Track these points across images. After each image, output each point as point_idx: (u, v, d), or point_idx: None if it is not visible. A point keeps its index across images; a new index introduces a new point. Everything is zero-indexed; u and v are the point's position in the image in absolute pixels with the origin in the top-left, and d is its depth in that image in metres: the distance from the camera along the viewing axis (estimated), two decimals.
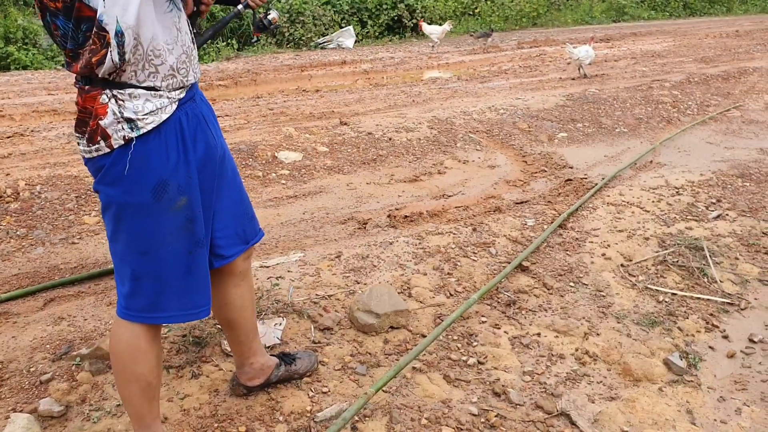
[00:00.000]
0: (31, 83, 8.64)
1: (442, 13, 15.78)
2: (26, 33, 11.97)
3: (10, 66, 11.38)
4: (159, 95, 1.71)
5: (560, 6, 17.48)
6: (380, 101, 7.24)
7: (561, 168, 5.06)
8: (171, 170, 1.74)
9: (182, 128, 1.76)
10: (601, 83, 7.68)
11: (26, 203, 4.03)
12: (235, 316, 2.15)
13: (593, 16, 17.20)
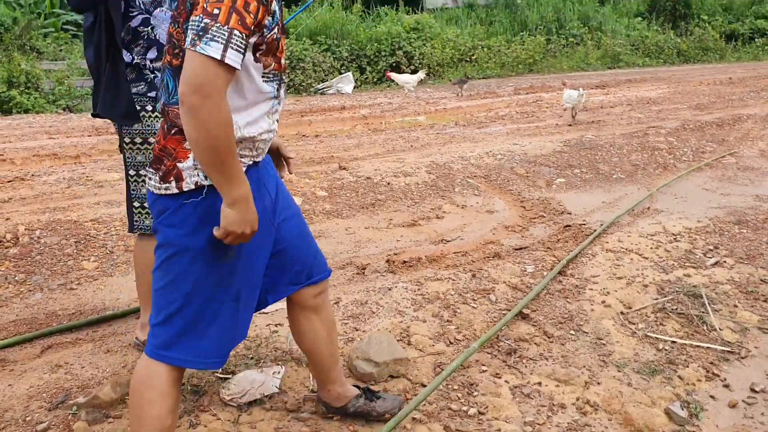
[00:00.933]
0: (33, 127, 8.72)
1: (439, 59, 16.00)
2: (29, 77, 12.12)
3: (12, 109, 11.48)
4: (239, 156, 1.80)
5: (556, 53, 17.75)
6: (379, 146, 7.30)
7: (559, 214, 5.08)
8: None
9: (254, 181, 1.83)
10: (597, 129, 7.76)
11: (25, 248, 4.03)
12: (308, 346, 2.29)
13: (589, 63, 17.46)
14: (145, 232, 2.78)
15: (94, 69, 2.72)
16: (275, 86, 1.86)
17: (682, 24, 21.16)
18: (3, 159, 6.25)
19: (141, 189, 2.76)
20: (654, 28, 20.60)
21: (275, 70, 1.83)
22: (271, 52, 1.78)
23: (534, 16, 19.23)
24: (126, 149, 2.75)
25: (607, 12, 20.62)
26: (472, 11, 21.06)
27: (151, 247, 2.83)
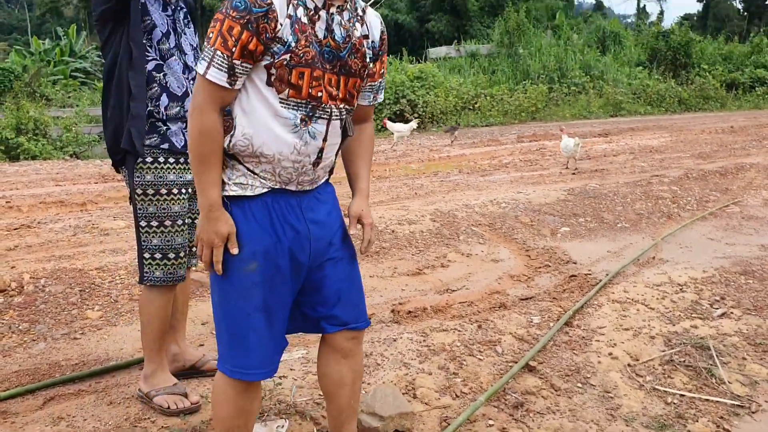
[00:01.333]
0: (40, 174, 8.80)
1: (443, 107, 16.22)
2: (37, 124, 12.29)
3: (20, 156, 11.62)
4: (254, 176, 1.95)
5: (558, 101, 17.97)
6: (383, 193, 7.34)
7: (565, 263, 5.07)
8: (249, 235, 1.95)
9: (270, 208, 1.97)
10: (601, 178, 7.80)
11: (30, 297, 4.02)
12: (331, 389, 2.27)
13: (591, 111, 17.65)
14: (155, 283, 2.78)
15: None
16: (297, 115, 1.91)
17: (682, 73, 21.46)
18: (10, 206, 6.30)
19: (152, 240, 2.76)
20: (655, 77, 20.90)
21: (294, 97, 1.89)
22: (285, 79, 1.87)
23: (536, 65, 19.53)
24: (138, 200, 2.75)
25: (608, 61, 20.95)
26: (474, 60, 21.42)
27: (158, 298, 2.83)
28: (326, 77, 1.92)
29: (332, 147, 2.04)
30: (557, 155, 10.12)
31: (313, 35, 1.88)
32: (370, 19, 2.06)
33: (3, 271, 4.40)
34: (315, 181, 2.05)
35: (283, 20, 1.84)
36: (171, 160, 2.75)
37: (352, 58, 1.96)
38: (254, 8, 1.81)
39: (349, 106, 2.04)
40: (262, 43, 1.82)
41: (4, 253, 4.96)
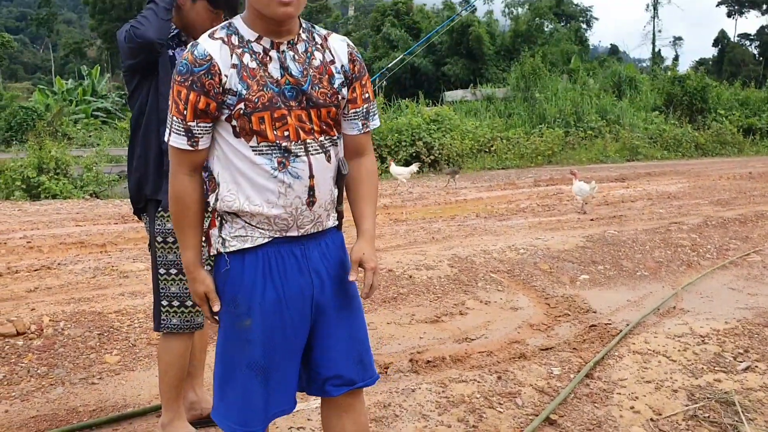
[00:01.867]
0: (60, 213, 8.89)
1: (459, 150, 16.30)
2: (58, 163, 12.45)
3: (41, 194, 11.76)
4: (252, 227, 1.93)
5: (575, 145, 18.01)
6: (400, 237, 7.34)
7: (584, 312, 5.02)
8: (244, 291, 1.93)
9: (269, 260, 1.94)
10: (619, 225, 7.77)
11: (49, 340, 4.03)
12: None
13: (607, 155, 17.67)
14: (172, 331, 2.78)
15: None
16: (273, 159, 1.87)
17: (699, 118, 21.48)
18: (31, 246, 6.36)
19: (170, 288, 2.77)
20: (671, 122, 20.93)
21: (263, 142, 1.86)
22: (247, 127, 1.85)
23: (552, 109, 19.65)
24: (158, 248, 2.77)
25: (624, 106, 21.05)
26: (490, 104, 21.60)
27: (175, 345, 2.83)
28: (293, 114, 1.88)
29: (324, 183, 1.95)
30: (575, 200, 10.11)
31: (267, 77, 1.86)
32: (334, 44, 2.01)
33: (23, 314, 4.42)
34: (318, 223, 1.98)
35: (228, 71, 1.83)
36: None
37: (316, 89, 1.91)
38: (195, 68, 1.82)
39: (330, 137, 1.97)
40: (212, 98, 1.84)
41: (24, 295, 4.99)
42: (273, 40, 1.90)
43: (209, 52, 1.84)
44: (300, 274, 1.95)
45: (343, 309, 2.06)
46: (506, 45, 29.63)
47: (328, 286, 2.02)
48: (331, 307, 2.03)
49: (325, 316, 2.03)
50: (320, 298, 2.00)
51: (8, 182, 12.10)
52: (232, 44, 1.86)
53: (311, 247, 1.98)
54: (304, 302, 1.97)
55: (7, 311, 4.51)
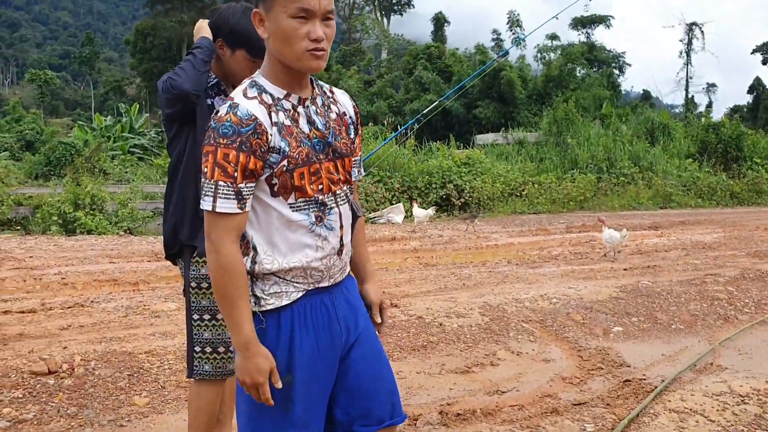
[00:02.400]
0: (95, 249, 9.01)
1: (489, 193, 16.26)
2: (94, 199, 12.66)
3: (76, 230, 11.94)
4: (287, 282, 1.91)
5: (607, 191, 17.86)
6: (430, 283, 7.30)
7: (618, 366, 4.91)
8: (282, 348, 1.91)
9: (303, 313, 1.94)
10: (653, 275, 7.64)
11: (80, 380, 4.05)
12: None
13: (640, 203, 17.48)
14: (204, 377, 2.78)
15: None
16: (310, 215, 1.91)
17: (734, 166, 21.20)
18: (65, 283, 6.44)
19: (203, 333, 2.77)
20: (705, 169, 20.68)
21: (302, 198, 1.89)
22: (288, 184, 1.87)
23: (584, 154, 19.56)
24: (192, 293, 2.78)
25: (657, 152, 20.87)
26: (522, 148, 21.59)
27: (206, 392, 2.81)
28: (324, 167, 1.93)
29: (348, 230, 2.03)
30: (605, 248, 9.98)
31: (301, 133, 1.90)
32: (341, 97, 2.09)
33: (55, 352, 4.46)
34: (344, 270, 2.05)
35: (271, 130, 1.85)
36: None
37: (338, 140, 1.98)
38: (242, 129, 1.80)
39: (350, 186, 2.05)
40: (260, 158, 1.83)
41: (57, 332, 5.04)
42: (299, 96, 1.94)
43: (253, 112, 1.83)
44: (330, 324, 1.98)
45: (369, 349, 2.09)
46: (538, 89, 29.73)
47: (354, 329, 2.05)
48: (357, 349, 2.05)
49: (350, 359, 2.04)
50: (348, 341, 2.03)
51: (45, 217, 12.33)
52: (266, 103, 1.88)
53: (337, 294, 2.02)
54: (335, 351, 1.99)
55: (40, 349, 4.56)
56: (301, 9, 1.82)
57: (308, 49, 1.84)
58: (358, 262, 2.21)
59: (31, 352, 4.50)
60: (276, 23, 1.85)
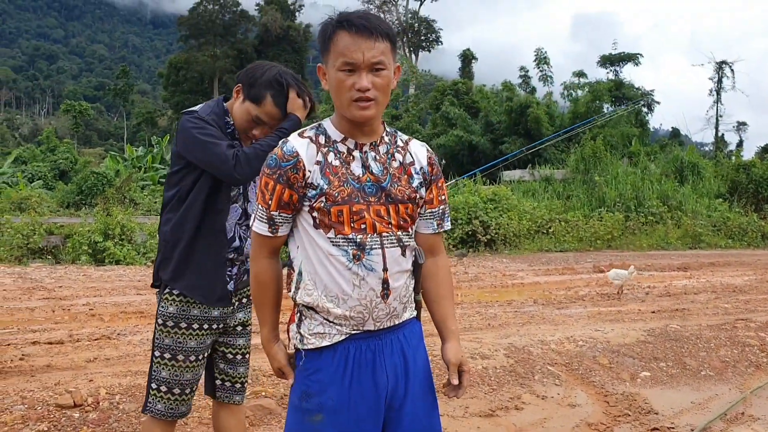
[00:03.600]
0: (122, 280, 9.11)
1: (516, 230, 16.17)
2: (123, 229, 12.83)
3: (105, 259, 12.09)
4: (331, 324, 2.01)
5: (635, 230, 17.67)
6: None
7: (646, 413, 4.82)
8: (317, 386, 2.00)
9: (345, 357, 2.00)
10: (682, 319, 7.51)
11: (104, 414, 4.07)
12: None
13: (669, 242, 17.25)
14: (155, 416, 2.74)
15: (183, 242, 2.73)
16: (348, 251, 1.97)
17: (765, 207, 20.88)
18: (93, 314, 6.51)
19: (161, 372, 2.72)
20: (736, 209, 20.38)
21: (341, 235, 1.97)
22: (326, 219, 1.97)
23: (612, 192, 19.41)
24: (157, 329, 2.75)
25: (686, 192, 20.65)
26: (549, 185, 21.49)
27: (156, 430, 2.76)
28: (372, 209, 1.99)
29: (399, 276, 2.04)
30: (635, 289, 9.87)
31: (349, 174, 2.00)
32: (415, 148, 2.16)
33: (81, 384, 4.49)
34: (394, 316, 2.04)
35: (312, 167, 1.99)
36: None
37: (395, 186, 2.04)
38: (282, 163, 1.99)
39: (407, 233, 2.07)
40: (296, 191, 1.99)
41: (84, 365, 5.09)
42: (357, 141, 2.04)
43: (296, 149, 2.00)
44: (375, 371, 2.01)
45: (420, 405, 2.10)
46: (565, 126, 29.69)
47: (406, 380, 2.07)
48: (409, 401, 2.06)
49: (401, 412, 2.05)
50: (396, 393, 2.04)
51: (76, 246, 12.51)
52: (319, 143, 2.03)
53: (387, 341, 2.05)
54: (378, 398, 2.01)
55: (67, 381, 4.60)
56: (345, 63, 1.95)
57: (353, 99, 1.96)
58: (439, 319, 2.23)
59: (57, 384, 4.54)
60: (330, 76, 2.01)
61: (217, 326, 2.79)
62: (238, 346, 2.91)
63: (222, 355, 2.89)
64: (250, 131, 2.77)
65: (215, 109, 2.77)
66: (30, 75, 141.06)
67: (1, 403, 4.15)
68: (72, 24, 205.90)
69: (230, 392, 2.93)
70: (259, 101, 2.72)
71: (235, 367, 2.91)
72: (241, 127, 2.78)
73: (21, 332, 6.57)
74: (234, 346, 2.89)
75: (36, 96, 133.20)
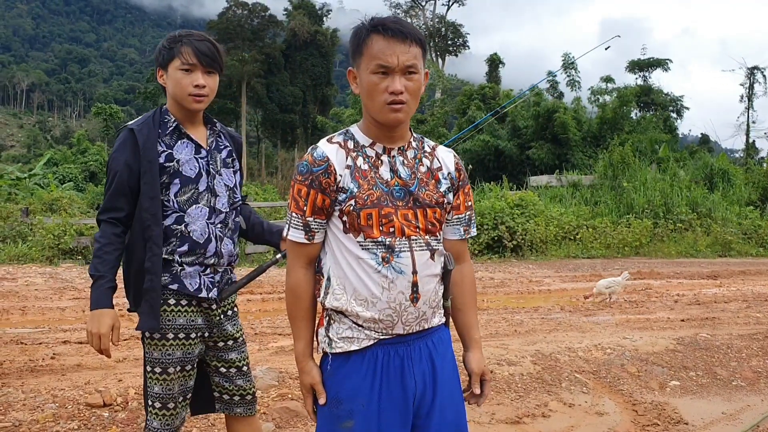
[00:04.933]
0: None
1: (542, 236, 16.06)
2: None
3: None
4: (360, 328, 2.01)
5: (664, 237, 17.44)
6: (481, 328, 7.20)
7: (675, 423, 4.75)
8: (347, 392, 2.00)
9: (374, 362, 2.01)
10: (712, 328, 7.40)
11: (133, 413, 4.12)
12: None
13: (698, 250, 17.00)
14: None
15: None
16: (378, 254, 1.98)
17: None
18: (121, 315, 6.53)
19: (154, 387, 2.66)
20: (767, 217, 20.03)
21: (370, 238, 1.98)
22: (355, 223, 1.99)
23: (641, 199, 19.19)
24: (145, 343, 2.69)
25: (716, 199, 20.33)
26: (576, 191, 21.30)
27: None
28: (400, 213, 2.01)
29: (428, 280, 2.04)
30: (664, 297, 9.74)
31: (378, 178, 2.02)
32: (442, 154, 2.18)
33: (111, 384, 4.55)
34: (423, 320, 2.05)
35: (342, 171, 2.01)
36: (183, 302, 2.65)
37: (423, 191, 2.06)
38: (314, 168, 2.01)
39: (435, 237, 2.08)
40: (328, 195, 2.01)
41: (113, 364, 5.15)
42: (385, 146, 2.06)
43: (326, 154, 2.03)
44: (403, 376, 2.01)
45: (448, 413, 2.09)
46: (593, 131, 29.44)
47: (434, 387, 2.06)
48: (437, 409, 2.06)
49: (429, 419, 2.05)
50: (424, 400, 2.04)
51: None
52: (348, 148, 2.06)
53: (416, 347, 2.05)
54: (407, 404, 2.02)
55: (96, 381, 4.66)
56: (380, 66, 1.97)
57: (387, 102, 1.97)
58: (462, 328, 2.24)
59: (87, 383, 4.60)
60: (362, 79, 2.02)
61: (203, 335, 2.72)
62: (231, 360, 2.80)
63: (215, 369, 2.81)
64: (191, 89, 2.68)
65: (148, 120, 2.71)
66: (62, 78, 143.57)
67: (34, 401, 4.22)
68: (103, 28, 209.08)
69: (229, 404, 2.84)
70: (172, 58, 2.68)
71: (231, 381, 2.81)
72: (184, 98, 2.69)
73: (52, 331, 6.67)
74: (226, 361, 2.79)
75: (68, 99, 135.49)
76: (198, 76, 2.68)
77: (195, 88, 2.68)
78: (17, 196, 23.01)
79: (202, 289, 2.68)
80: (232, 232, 2.83)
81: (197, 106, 2.72)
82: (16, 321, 7.28)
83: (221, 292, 2.76)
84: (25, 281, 10.46)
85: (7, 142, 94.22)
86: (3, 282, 10.30)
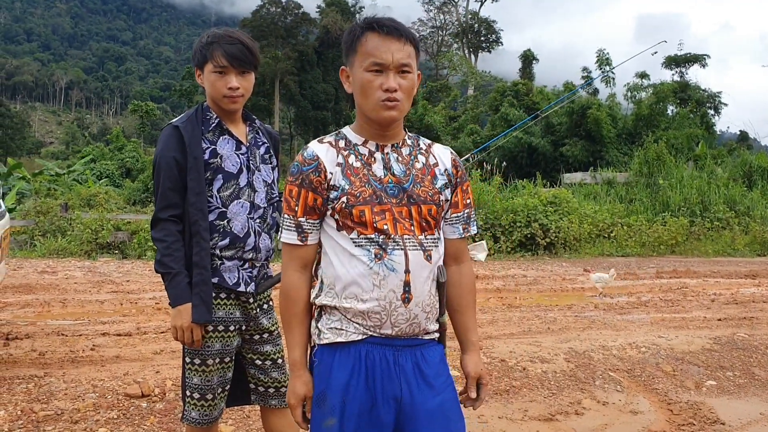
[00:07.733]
0: None
1: (576, 234, 15.90)
2: None
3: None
4: (349, 321, 1.99)
5: (700, 236, 17.16)
6: (514, 325, 7.19)
7: (711, 423, 4.69)
8: (332, 388, 1.97)
9: (360, 360, 1.97)
10: (750, 327, 7.28)
11: (170, 404, 4.20)
12: None
13: (736, 249, 16.69)
14: (191, 423, 2.75)
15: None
16: (371, 251, 1.96)
17: None
18: (158, 308, 6.70)
19: (193, 378, 2.72)
20: None
21: (363, 234, 1.97)
22: (348, 220, 1.97)
23: (677, 197, 18.88)
24: None
25: (755, 197, 19.92)
26: (611, 188, 21.05)
27: None
28: (395, 210, 1.99)
29: (421, 281, 1.99)
30: (700, 296, 9.59)
31: (371, 175, 2.01)
32: (438, 151, 2.16)
33: (148, 375, 4.64)
34: (415, 324, 2.00)
35: (333, 168, 2.01)
36: (222, 295, 2.72)
37: (418, 187, 2.03)
38: (304, 167, 2.01)
39: (431, 237, 2.04)
40: (319, 194, 2.00)
41: (151, 356, 5.25)
42: (378, 144, 2.06)
43: (316, 153, 2.03)
44: (389, 380, 1.98)
45: (438, 421, 2.02)
46: (628, 128, 29.06)
47: (418, 394, 2.00)
48: (424, 418, 2.00)
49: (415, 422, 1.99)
50: (411, 408, 1.99)
51: (142, 242, 12.89)
52: (339, 147, 2.06)
53: (405, 355, 2.01)
54: (389, 408, 1.97)
55: (135, 372, 4.75)
56: (374, 63, 1.97)
57: (381, 100, 1.97)
58: (460, 329, 2.19)
59: (126, 374, 4.71)
60: (356, 77, 2.02)
61: (240, 327, 2.78)
62: (266, 352, 2.86)
63: (251, 361, 2.87)
64: (225, 91, 2.73)
65: (191, 117, 2.76)
66: (100, 76, 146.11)
67: (75, 390, 4.33)
68: (140, 26, 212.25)
69: (264, 396, 2.90)
70: (206, 60, 2.74)
71: (266, 373, 2.87)
72: (219, 99, 2.75)
73: (91, 324, 6.82)
74: (262, 353, 2.85)
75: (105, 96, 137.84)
76: (231, 78, 2.74)
77: (228, 90, 2.74)
78: (56, 191, 23.48)
79: (241, 283, 2.75)
80: (270, 227, 2.88)
81: (233, 107, 2.79)
82: (57, 313, 7.44)
83: (258, 286, 2.81)
84: (65, 274, 10.69)
85: (46, 138, 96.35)
86: (44, 275, 10.54)
